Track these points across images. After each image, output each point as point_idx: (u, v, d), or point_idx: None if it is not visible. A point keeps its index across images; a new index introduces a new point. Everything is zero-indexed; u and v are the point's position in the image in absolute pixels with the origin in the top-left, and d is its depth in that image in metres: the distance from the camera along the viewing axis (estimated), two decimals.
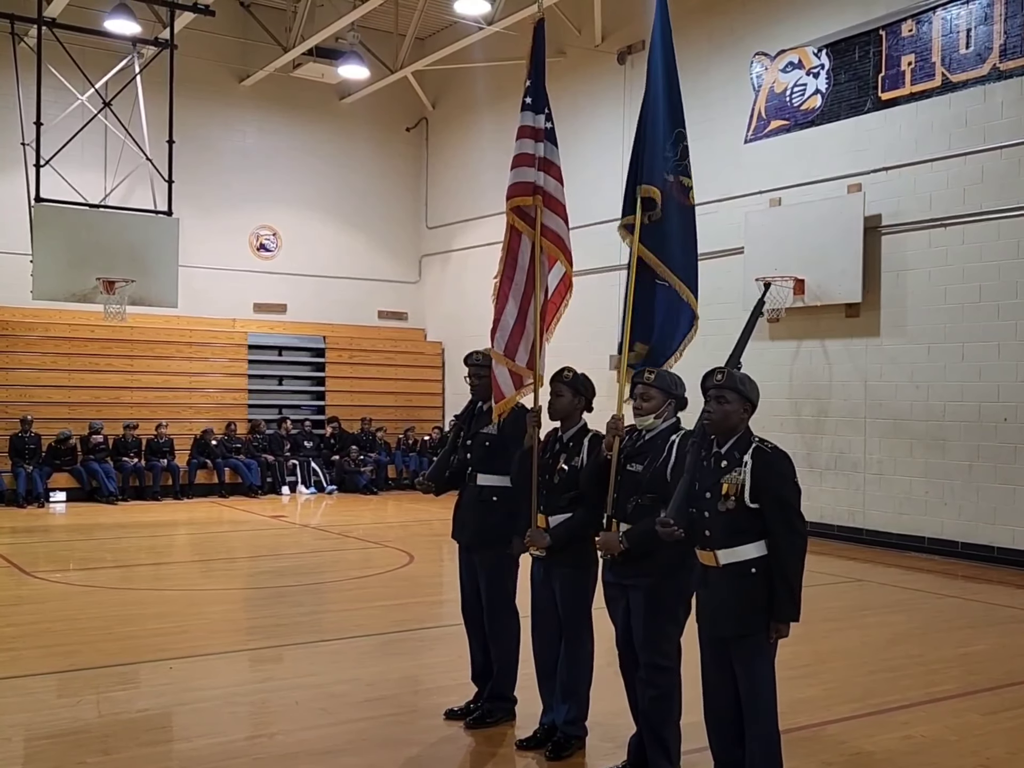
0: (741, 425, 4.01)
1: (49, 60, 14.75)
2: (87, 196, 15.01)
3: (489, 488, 5.25)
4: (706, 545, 3.98)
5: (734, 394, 3.99)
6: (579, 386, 4.95)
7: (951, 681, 6.31)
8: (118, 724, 5.30)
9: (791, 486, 3.95)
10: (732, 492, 3.88)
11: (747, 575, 3.89)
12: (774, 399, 13.31)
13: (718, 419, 3.98)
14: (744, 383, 4.03)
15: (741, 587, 3.91)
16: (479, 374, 5.40)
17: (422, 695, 5.93)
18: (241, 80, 18.43)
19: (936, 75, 11.61)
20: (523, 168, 5.33)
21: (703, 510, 3.98)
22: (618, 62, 15.78)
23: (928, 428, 11.65)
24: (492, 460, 5.26)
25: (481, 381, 5.38)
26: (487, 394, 5.28)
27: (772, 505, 3.87)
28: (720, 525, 3.93)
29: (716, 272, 14.09)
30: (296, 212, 19.16)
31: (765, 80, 13.61)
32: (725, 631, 3.98)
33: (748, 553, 3.90)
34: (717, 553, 3.94)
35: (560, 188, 5.40)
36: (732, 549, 3.91)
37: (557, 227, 5.32)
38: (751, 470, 3.89)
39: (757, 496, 3.87)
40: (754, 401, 4.07)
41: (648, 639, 4.39)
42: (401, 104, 19.84)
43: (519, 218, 5.28)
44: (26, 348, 16.33)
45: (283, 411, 18.47)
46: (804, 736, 5.21)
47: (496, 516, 5.18)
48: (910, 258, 11.87)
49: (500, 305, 5.23)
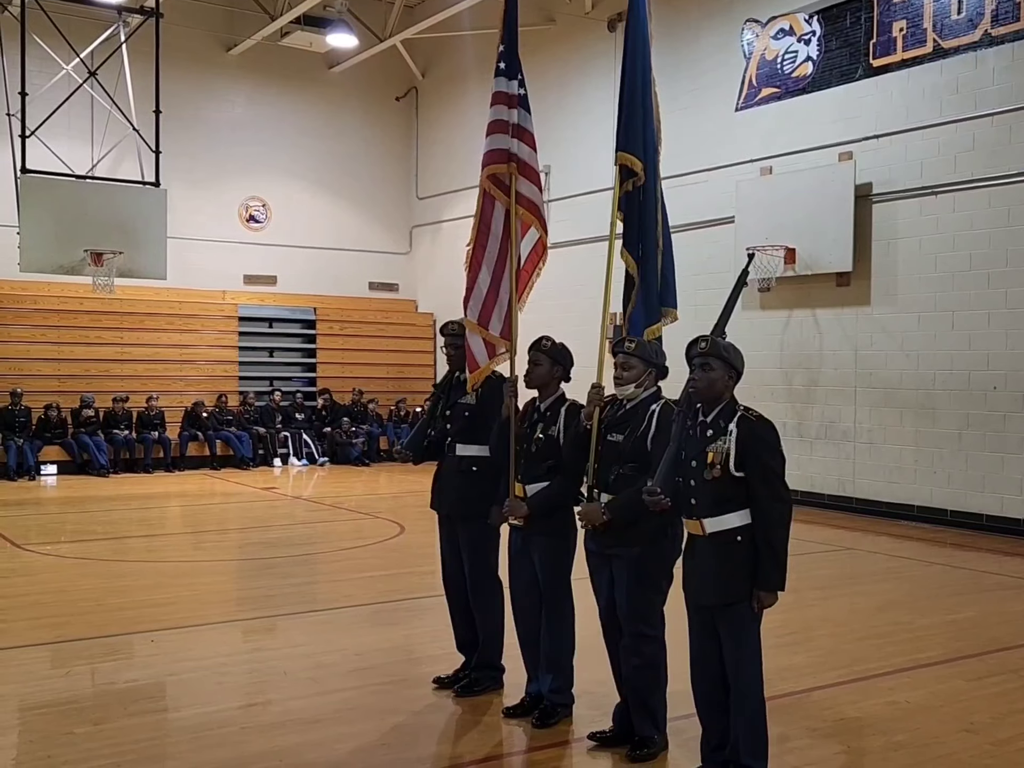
0: (726, 393, 4.02)
1: (33, 29, 14.59)
2: (74, 167, 14.90)
3: (469, 458, 5.23)
4: (692, 514, 4.00)
5: (719, 361, 4.00)
6: (557, 355, 4.95)
7: (937, 648, 6.36)
8: (108, 695, 5.32)
9: (776, 455, 3.96)
10: (717, 461, 3.89)
11: (733, 543, 3.91)
12: (765, 368, 13.32)
13: (703, 387, 3.99)
14: (728, 351, 4.04)
15: (727, 555, 3.92)
16: (455, 344, 5.37)
17: (411, 664, 5.95)
18: (228, 49, 18.26)
19: (928, 41, 11.54)
20: (498, 135, 5.29)
21: (689, 479, 3.99)
22: (608, 30, 15.65)
23: (918, 397, 11.67)
24: (471, 430, 5.24)
25: (457, 351, 5.36)
26: (464, 364, 5.27)
27: (757, 474, 3.89)
28: (706, 494, 3.94)
29: (707, 241, 14.08)
30: (286, 183, 19.04)
31: (756, 47, 13.52)
32: (710, 599, 3.99)
33: (734, 521, 3.91)
34: (703, 522, 3.96)
35: (534, 155, 5.37)
36: (718, 518, 3.93)
37: (531, 194, 5.29)
38: (736, 439, 3.90)
39: (742, 465, 3.88)
40: (739, 369, 4.07)
41: (632, 609, 4.41)
42: (390, 73, 19.69)
43: (494, 185, 5.24)
44: (15, 321, 16.26)
45: (274, 383, 18.45)
46: (790, 702, 5.25)
47: (477, 486, 5.16)
48: (901, 227, 11.84)
49: (473, 273, 5.23)
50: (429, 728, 4.88)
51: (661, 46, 14.81)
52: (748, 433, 3.92)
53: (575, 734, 4.79)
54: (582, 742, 4.66)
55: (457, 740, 4.81)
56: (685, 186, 14.43)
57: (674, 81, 14.65)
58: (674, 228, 5.66)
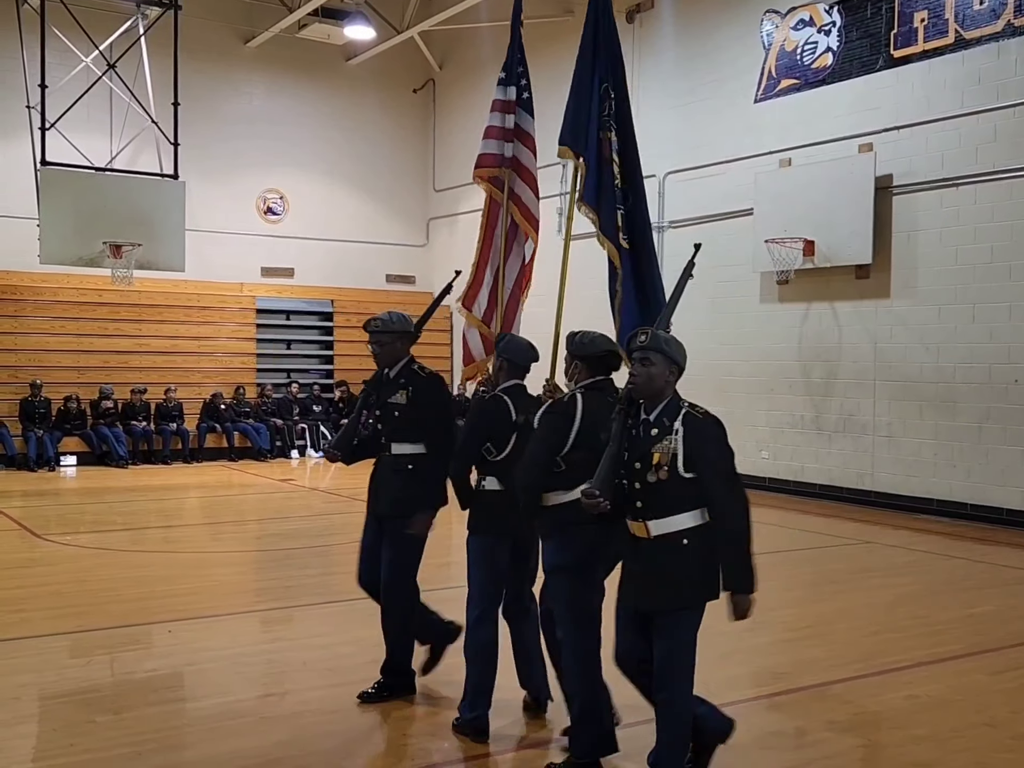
0: (668, 389, 3.83)
1: (53, 22, 14.65)
2: (93, 159, 14.95)
3: (404, 457, 5.06)
4: (637, 516, 3.78)
5: (659, 355, 3.81)
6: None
7: (956, 642, 6.33)
8: (128, 684, 5.36)
9: (726, 450, 3.79)
10: (664, 462, 3.70)
11: (678, 547, 3.71)
12: (783, 361, 13.27)
13: (642, 382, 3.79)
14: (670, 344, 3.86)
15: (671, 560, 3.72)
16: (380, 341, 5.13)
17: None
18: (246, 41, 18.28)
19: (949, 32, 11.44)
20: (490, 140, 5.46)
21: (633, 481, 3.77)
22: (627, 21, 15.57)
23: (938, 390, 11.60)
24: (404, 429, 5.06)
25: (383, 348, 5.13)
26: (391, 361, 5.12)
27: (710, 473, 3.70)
28: (651, 496, 3.73)
29: (725, 234, 14.02)
30: (303, 175, 19.06)
31: (776, 38, 13.44)
32: (650, 605, 3.78)
33: (680, 524, 3.72)
34: (648, 524, 3.75)
35: (533, 160, 5.43)
36: (663, 520, 3.72)
37: (527, 198, 5.38)
38: (683, 438, 3.71)
39: (692, 465, 3.69)
40: (680, 363, 3.88)
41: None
42: (408, 65, 19.67)
43: (496, 188, 5.36)
44: (35, 313, 16.34)
45: (292, 375, 18.50)
46: (808, 696, 5.24)
47: (412, 485, 4.99)
48: (921, 219, 11.76)
49: (480, 271, 5.29)
50: (449, 719, 4.88)
51: (680, 37, 14.85)
52: (696, 432, 3.72)
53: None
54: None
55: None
56: (703, 178, 14.39)
57: (693, 72, 14.60)
58: (692, 220, 5.69)
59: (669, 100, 14.92)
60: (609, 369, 4.41)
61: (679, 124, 14.72)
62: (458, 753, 4.51)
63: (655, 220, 15.11)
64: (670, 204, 14.95)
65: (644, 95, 15.42)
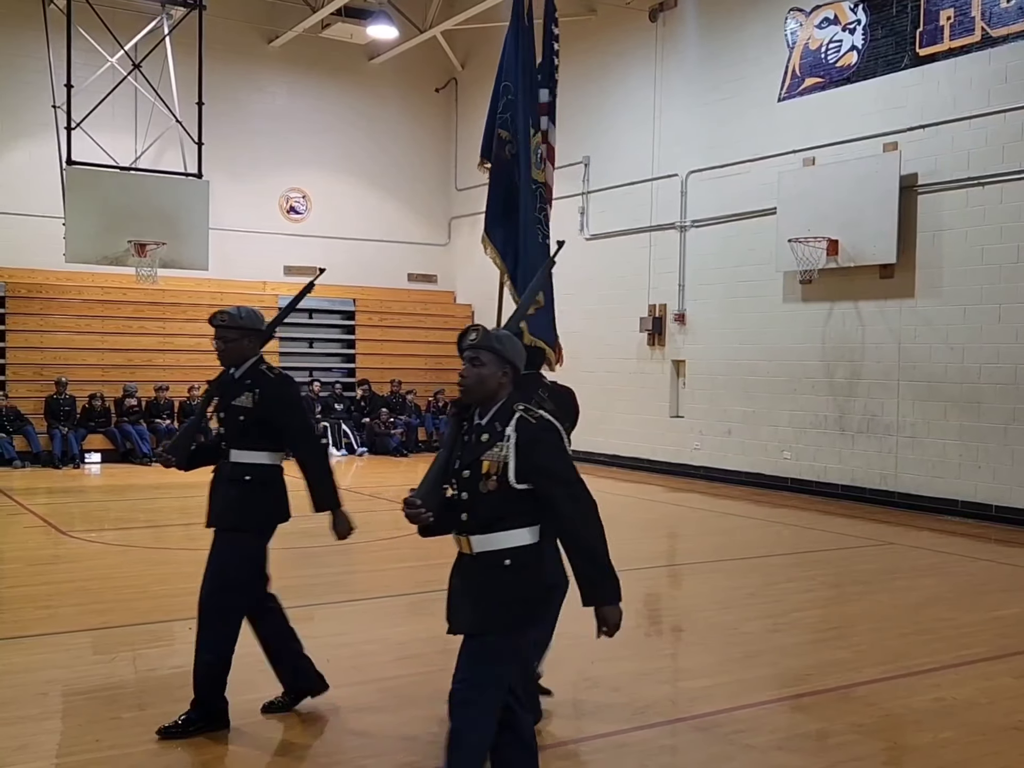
0: (501, 392, 3.44)
1: (79, 22, 14.75)
2: (118, 159, 15.06)
3: (242, 465, 4.65)
4: (461, 530, 3.44)
5: (489, 355, 3.42)
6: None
7: (983, 644, 6.27)
8: (152, 680, 5.38)
9: (564, 456, 3.44)
10: (493, 471, 3.35)
11: (499, 567, 3.37)
12: (806, 361, 13.21)
13: (472, 384, 3.42)
14: (502, 342, 3.47)
15: (487, 580, 3.39)
16: (225, 337, 4.67)
17: (451, 655, 5.93)
18: (270, 41, 18.35)
19: (976, 30, 11.35)
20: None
21: (461, 491, 3.43)
22: (649, 19, 15.55)
23: (963, 390, 11.51)
24: (247, 435, 4.65)
25: (228, 345, 4.67)
26: (238, 360, 4.71)
27: (549, 483, 3.35)
28: (480, 508, 3.39)
29: (748, 233, 13.98)
30: (326, 174, 19.12)
31: (800, 37, 13.37)
32: (459, 628, 3.47)
33: (505, 542, 3.37)
34: (471, 539, 3.41)
35: (551, 170, 5.43)
36: (488, 536, 3.38)
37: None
38: (515, 445, 3.34)
39: (524, 476, 3.33)
40: (515, 363, 3.48)
41: None
42: (430, 64, 19.69)
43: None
44: (60, 311, 16.47)
45: (314, 374, 18.56)
46: (834, 697, 5.21)
47: (248, 497, 4.64)
48: (946, 218, 11.67)
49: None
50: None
51: (703, 36, 14.79)
52: (529, 439, 3.34)
53: (556, 738, 4.77)
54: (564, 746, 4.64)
55: None
56: (727, 177, 14.34)
57: (716, 71, 14.55)
58: (715, 219, 5.68)
59: (692, 99, 14.88)
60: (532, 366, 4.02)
61: (702, 123, 14.68)
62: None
63: (677, 219, 15.08)
64: (692, 203, 14.91)
65: (667, 94, 15.39)
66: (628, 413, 15.84)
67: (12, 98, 16.30)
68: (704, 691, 5.26)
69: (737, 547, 9.77)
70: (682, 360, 15.24)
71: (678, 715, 4.92)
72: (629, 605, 4.84)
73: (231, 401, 4.68)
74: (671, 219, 15.19)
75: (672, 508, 12.61)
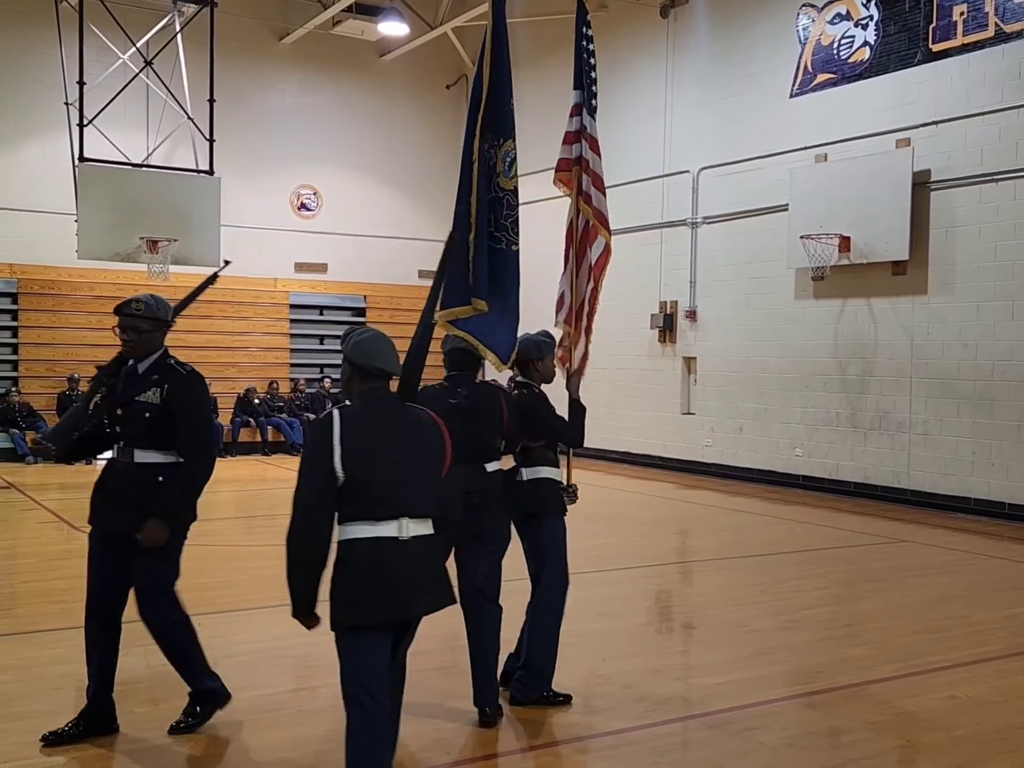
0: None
1: (90, 19, 14.78)
2: (130, 156, 15.09)
3: (151, 466, 4.39)
4: None
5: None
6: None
7: (996, 642, 6.25)
8: (165, 675, 5.37)
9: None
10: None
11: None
12: (818, 358, 13.17)
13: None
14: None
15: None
16: (140, 328, 4.45)
17: (462, 651, 5.95)
18: (281, 38, 18.37)
19: (989, 25, 11.29)
20: (564, 145, 5.52)
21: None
22: (661, 16, 15.52)
23: (976, 388, 11.46)
24: (155, 433, 4.37)
25: (142, 336, 4.46)
26: (146, 352, 4.50)
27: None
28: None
29: (759, 230, 13.94)
30: (336, 171, 19.13)
31: (812, 32, 13.32)
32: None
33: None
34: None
35: (598, 161, 5.42)
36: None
37: (597, 200, 5.40)
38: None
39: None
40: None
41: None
42: (441, 61, 19.68)
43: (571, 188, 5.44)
44: (72, 308, 16.53)
45: (325, 370, 18.59)
46: (846, 695, 5.19)
47: (162, 498, 4.36)
48: (959, 214, 11.62)
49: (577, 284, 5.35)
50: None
51: (715, 32, 14.75)
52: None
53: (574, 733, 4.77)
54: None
55: (519, 724, 4.79)
56: (738, 173, 14.30)
57: (728, 67, 14.51)
58: (726, 216, 5.69)
59: (704, 95, 14.84)
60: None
61: (714, 119, 14.64)
62: (495, 748, 4.51)
63: (688, 216, 15.05)
64: (704, 200, 14.87)
65: (678, 90, 15.36)
66: (639, 410, 15.82)
67: (25, 95, 16.35)
68: (715, 688, 5.25)
69: (748, 544, 9.75)
70: (693, 357, 15.21)
71: (689, 712, 4.91)
72: (639, 602, 4.84)
73: (134, 396, 4.40)
74: (682, 216, 15.15)
75: (683, 505, 12.59)
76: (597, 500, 5.16)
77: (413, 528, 3.42)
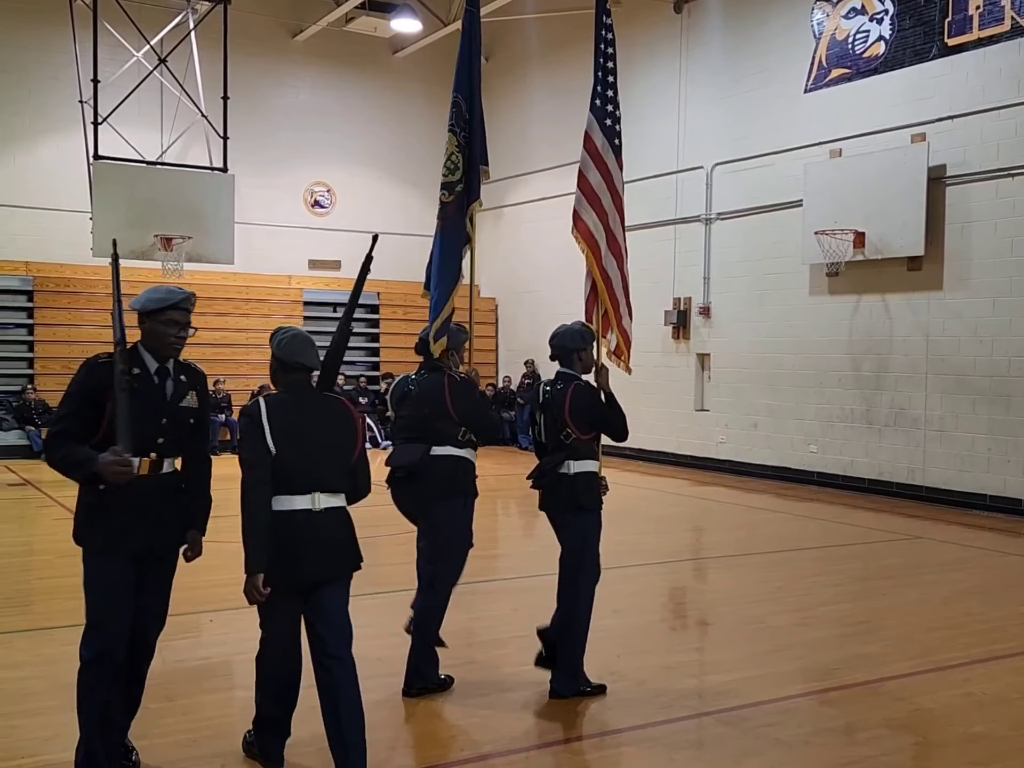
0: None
1: (105, 17, 14.81)
2: (144, 153, 15.12)
3: (174, 474, 4.14)
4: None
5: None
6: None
7: (1013, 639, 6.21)
8: (180, 671, 5.41)
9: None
10: None
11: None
12: (833, 354, 13.12)
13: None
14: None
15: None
16: (192, 324, 4.31)
17: (477, 648, 5.97)
18: (294, 35, 18.40)
19: (1005, 19, 11.22)
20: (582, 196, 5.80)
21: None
22: (674, 11, 15.47)
23: (992, 384, 11.40)
24: (187, 440, 4.16)
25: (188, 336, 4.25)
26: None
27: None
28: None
29: (773, 225, 13.89)
30: (350, 168, 19.15)
31: (826, 27, 13.26)
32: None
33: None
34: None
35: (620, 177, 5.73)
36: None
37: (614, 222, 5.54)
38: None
39: None
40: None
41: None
42: (454, 58, 19.38)
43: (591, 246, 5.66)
44: (87, 305, 16.59)
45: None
46: (862, 692, 5.17)
47: (186, 508, 4.20)
48: (975, 209, 11.56)
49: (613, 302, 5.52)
50: (502, 709, 4.87)
51: (728, 27, 14.70)
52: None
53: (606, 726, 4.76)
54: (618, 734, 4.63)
55: (534, 719, 4.80)
56: (752, 169, 14.26)
57: (741, 63, 14.46)
58: (740, 212, 5.68)
59: (717, 91, 14.79)
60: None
61: (727, 115, 14.60)
62: (508, 745, 4.50)
63: (702, 212, 15.01)
64: (718, 195, 14.83)
65: (692, 86, 15.32)
66: (653, 407, 15.79)
67: (40, 93, 16.42)
68: (731, 685, 5.23)
69: (763, 541, 9.72)
70: (707, 353, 15.17)
71: (705, 709, 4.90)
72: (654, 599, 4.83)
73: (179, 403, 4.08)
74: (696, 212, 15.11)
75: (697, 502, 12.57)
76: (611, 497, 5.15)
77: (325, 500, 3.96)
